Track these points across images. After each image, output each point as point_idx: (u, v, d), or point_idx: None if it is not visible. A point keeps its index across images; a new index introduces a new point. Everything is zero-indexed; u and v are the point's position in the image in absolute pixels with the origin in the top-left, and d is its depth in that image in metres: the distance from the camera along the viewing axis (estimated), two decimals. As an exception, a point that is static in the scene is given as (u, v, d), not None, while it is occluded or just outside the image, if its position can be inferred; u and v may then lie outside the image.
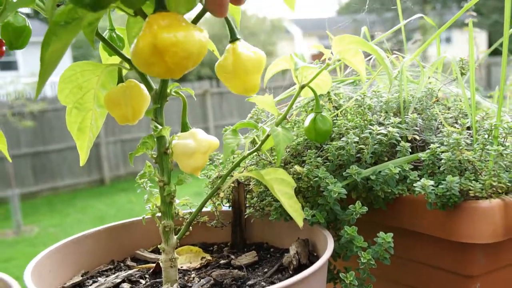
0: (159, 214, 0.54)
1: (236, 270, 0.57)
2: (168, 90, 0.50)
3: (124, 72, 0.55)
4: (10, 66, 14.79)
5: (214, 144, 0.53)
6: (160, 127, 0.49)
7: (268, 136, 0.52)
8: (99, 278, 0.59)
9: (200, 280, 0.56)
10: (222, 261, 0.62)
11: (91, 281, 0.58)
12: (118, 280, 0.56)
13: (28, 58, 14.73)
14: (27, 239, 5.68)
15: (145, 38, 0.38)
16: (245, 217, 0.65)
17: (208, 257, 0.63)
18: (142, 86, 0.53)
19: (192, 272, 0.59)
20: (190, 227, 0.61)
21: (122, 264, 0.63)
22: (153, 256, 0.64)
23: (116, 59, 0.56)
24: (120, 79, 0.55)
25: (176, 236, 0.54)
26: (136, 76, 0.54)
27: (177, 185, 0.52)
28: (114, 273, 0.60)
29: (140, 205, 5.70)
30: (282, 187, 0.51)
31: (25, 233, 5.86)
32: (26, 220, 6.33)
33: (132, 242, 0.66)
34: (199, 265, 0.61)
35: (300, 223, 0.51)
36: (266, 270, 0.58)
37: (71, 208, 6.75)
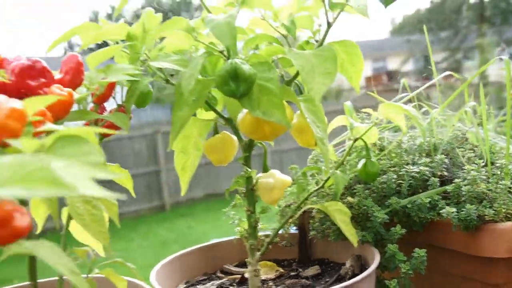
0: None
1: (304, 280, 0.74)
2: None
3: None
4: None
5: (288, 182, 0.70)
6: (249, 170, 0.67)
7: (329, 177, 0.68)
8: (197, 286, 0.76)
9: (276, 287, 0.72)
10: (292, 273, 0.78)
11: (192, 288, 0.76)
12: (214, 287, 0.74)
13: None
14: (95, 262, 5.99)
15: (251, 116, 0.57)
16: (309, 238, 0.81)
17: (281, 270, 0.79)
18: (234, 138, 0.71)
19: (270, 282, 0.75)
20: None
21: (213, 275, 0.81)
22: (237, 269, 0.81)
23: (210, 115, 0.74)
24: (216, 131, 0.73)
25: (259, 252, 0.71)
26: (225, 128, 0.72)
27: (261, 213, 0.69)
28: (208, 283, 0.77)
29: (199, 230, 5.94)
30: (341, 216, 0.67)
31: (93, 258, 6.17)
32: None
33: (220, 258, 0.83)
34: (274, 276, 0.77)
35: (355, 244, 0.67)
36: (327, 279, 0.74)
37: (134, 234, 7.07)
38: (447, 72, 0.85)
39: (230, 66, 0.53)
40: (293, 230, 0.85)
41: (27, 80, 0.50)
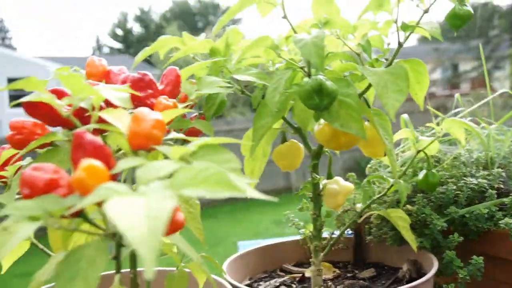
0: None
1: (361, 281, 0.79)
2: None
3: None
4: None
5: (351, 188, 0.75)
6: (318, 176, 0.72)
7: (392, 185, 0.73)
8: (260, 283, 0.81)
9: (336, 287, 0.77)
10: (348, 274, 0.83)
11: (256, 284, 0.81)
12: (277, 284, 0.79)
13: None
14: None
15: (329, 127, 0.62)
16: (365, 242, 0.86)
17: (337, 271, 0.84)
18: (301, 145, 0.76)
19: (329, 281, 0.80)
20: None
21: (273, 273, 0.86)
22: (296, 268, 0.86)
23: (278, 124, 0.79)
24: (284, 139, 0.79)
25: (323, 253, 0.76)
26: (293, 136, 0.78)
27: (326, 217, 0.74)
28: (271, 280, 0.83)
29: (222, 231, 5.99)
30: (401, 222, 0.72)
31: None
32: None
33: (279, 258, 0.88)
34: (332, 276, 0.82)
35: (415, 248, 0.72)
36: (383, 282, 0.78)
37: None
38: (503, 90, 0.89)
39: (315, 82, 0.59)
40: (348, 234, 0.89)
41: (137, 91, 0.56)
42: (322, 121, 0.66)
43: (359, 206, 0.85)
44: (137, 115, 0.40)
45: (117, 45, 29.07)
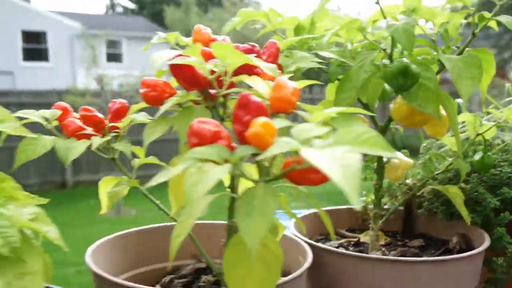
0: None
1: (412, 249, 0.86)
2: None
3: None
4: (116, 58, 16.16)
5: (410, 163, 0.82)
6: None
7: (451, 163, 0.80)
8: (319, 243, 0.89)
9: (389, 252, 0.85)
10: (399, 243, 0.90)
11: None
12: (336, 245, 0.87)
13: (131, 52, 16.02)
14: (127, 220, 6.22)
15: (407, 106, 0.68)
16: (414, 214, 0.93)
17: (388, 239, 0.92)
18: (367, 121, 0.83)
19: (382, 247, 0.88)
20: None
21: (328, 236, 0.94)
22: (349, 234, 0.94)
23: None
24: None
25: (381, 220, 0.83)
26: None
27: (388, 189, 0.81)
28: (329, 241, 0.90)
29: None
30: (457, 198, 0.79)
31: (125, 215, 6.42)
32: (125, 202, 6.94)
33: (333, 223, 0.96)
34: (384, 243, 0.90)
35: (468, 222, 0.79)
36: (433, 251, 0.86)
37: (165, 193, 7.32)
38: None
39: (402, 64, 0.65)
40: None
41: (247, 60, 0.62)
42: (398, 100, 0.73)
43: (409, 181, 0.92)
44: (279, 82, 0.47)
45: (131, 5, 28.79)
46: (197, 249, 0.80)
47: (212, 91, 0.55)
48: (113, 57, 16.01)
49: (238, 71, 0.53)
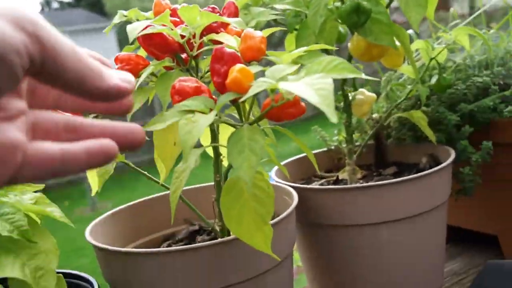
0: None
1: (388, 176, 0.92)
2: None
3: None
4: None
5: (374, 97, 0.87)
6: (348, 88, 0.83)
7: (411, 90, 0.85)
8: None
9: (368, 182, 0.91)
10: (374, 174, 0.96)
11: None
12: (321, 182, 0.92)
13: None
14: (103, 213, 6.19)
15: (364, 42, 0.73)
16: (383, 145, 0.99)
17: (364, 172, 0.98)
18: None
19: (360, 180, 0.94)
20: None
21: (309, 179, 0.99)
22: (328, 174, 0.99)
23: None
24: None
25: (355, 155, 0.88)
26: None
27: (356, 125, 0.86)
28: (312, 183, 0.95)
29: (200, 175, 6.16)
30: (421, 121, 0.85)
31: (101, 209, 6.40)
32: (100, 197, 6.89)
33: (311, 167, 1.01)
34: (361, 176, 0.96)
35: (434, 141, 0.85)
36: (407, 174, 0.92)
37: (138, 183, 7.33)
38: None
39: (354, 3, 0.69)
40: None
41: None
42: (355, 38, 0.77)
43: (375, 115, 0.98)
44: (246, 33, 0.50)
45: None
46: (188, 214, 0.84)
47: (183, 55, 0.58)
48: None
49: (204, 33, 0.56)
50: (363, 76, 0.42)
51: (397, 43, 0.78)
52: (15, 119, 0.31)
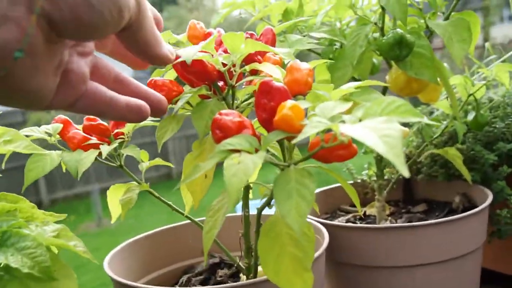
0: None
1: (418, 214, 0.88)
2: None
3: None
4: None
5: (407, 131, 0.84)
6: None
7: (447, 126, 0.82)
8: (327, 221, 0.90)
9: (396, 220, 0.87)
10: (403, 210, 0.92)
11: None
12: (348, 217, 0.88)
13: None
14: (108, 230, 6.14)
15: (404, 76, 0.70)
16: (413, 180, 0.96)
17: (392, 208, 0.94)
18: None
19: (388, 217, 0.90)
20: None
21: (334, 214, 0.95)
22: (353, 209, 0.95)
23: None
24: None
25: (385, 190, 0.85)
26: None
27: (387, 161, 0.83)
28: (334, 219, 0.92)
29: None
30: (456, 159, 0.81)
31: (106, 225, 6.34)
32: (105, 213, 6.84)
33: (336, 201, 0.97)
34: (389, 213, 0.92)
35: (470, 180, 0.81)
36: (437, 214, 0.88)
37: (144, 201, 7.26)
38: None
39: (398, 35, 0.66)
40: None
41: (245, 49, 0.62)
42: (393, 71, 0.74)
43: (404, 149, 0.94)
44: (293, 65, 0.47)
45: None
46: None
47: (220, 83, 0.55)
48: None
49: (243, 61, 0.53)
50: (425, 120, 0.38)
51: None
52: (87, 56, 0.37)
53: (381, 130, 0.34)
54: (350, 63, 0.70)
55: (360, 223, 0.87)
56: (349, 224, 0.79)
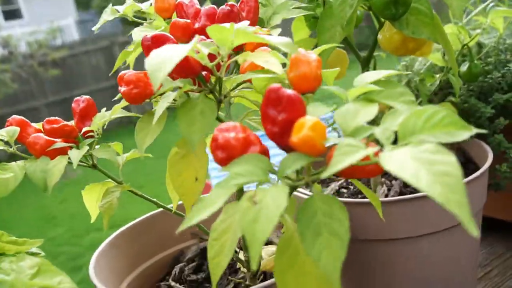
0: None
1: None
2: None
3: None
4: (15, 14, 14.65)
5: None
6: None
7: (441, 80, 0.76)
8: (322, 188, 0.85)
9: (391, 181, 0.83)
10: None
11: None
12: (337, 188, 0.84)
13: (30, 5, 14.60)
14: (74, 180, 6.00)
15: (399, 35, 0.62)
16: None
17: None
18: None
19: (383, 178, 0.86)
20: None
21: (328, 179, 0.90)
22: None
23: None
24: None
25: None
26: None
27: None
28: (327, 186, 0.87)
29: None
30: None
31: (70, 177, 6.16)
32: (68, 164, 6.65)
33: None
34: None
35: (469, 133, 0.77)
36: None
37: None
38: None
39: (393, -8, 0.58)
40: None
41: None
42: (386, 30, 0.67)
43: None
44: (299, 57, 0.39)
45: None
46: (195, 227, 0.75)
47: (204, 72, 0.47)
48: (11, 14, 14.49)
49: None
50: (473, 132, 0.32)
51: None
52: None
53: (434, 165, 0.27)
54: (339, 23, 0.62)
55: (353, 188, 0.83)
56: (351, 199, 0.74)
